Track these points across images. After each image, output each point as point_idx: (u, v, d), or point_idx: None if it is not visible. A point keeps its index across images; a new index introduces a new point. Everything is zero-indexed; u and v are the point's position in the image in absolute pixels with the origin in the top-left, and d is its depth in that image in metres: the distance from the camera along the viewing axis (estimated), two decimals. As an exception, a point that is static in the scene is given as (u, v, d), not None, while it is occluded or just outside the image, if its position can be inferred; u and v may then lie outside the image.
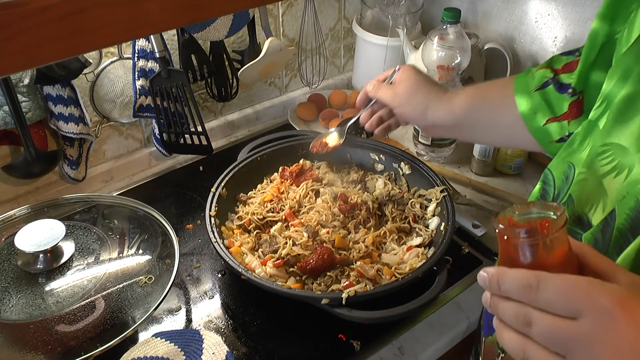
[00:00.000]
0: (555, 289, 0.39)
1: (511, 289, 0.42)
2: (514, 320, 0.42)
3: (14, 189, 1.09)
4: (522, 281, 0.41)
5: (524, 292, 0.41)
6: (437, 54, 1.16)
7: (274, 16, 1.29)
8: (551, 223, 0.42)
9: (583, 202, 0.54)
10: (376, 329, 0.87)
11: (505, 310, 0.42)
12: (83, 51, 0.42)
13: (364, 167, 1.14)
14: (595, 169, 0.53)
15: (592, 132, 0.57)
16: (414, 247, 0.95)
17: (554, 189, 0.61)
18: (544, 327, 0.40)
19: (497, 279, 0.42)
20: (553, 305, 0.40)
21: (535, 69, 0.80)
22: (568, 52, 0.78)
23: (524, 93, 0.79)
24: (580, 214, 0.54)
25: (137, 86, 1.09)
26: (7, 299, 0.81)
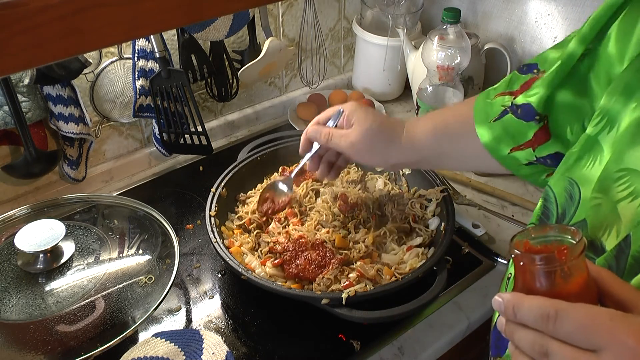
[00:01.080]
0: (575, 322, 0.39)
1: (528, 317, 0.41)
2: (530, 350, 0.41)
3: (14, 189, 1.09)
4: (540, 311, 0.40)
5: (541, 322, 0.40)
6: (437, 54, 1.16)
7: (274, 16, 1.29)
8: (569, 250, 0.41)
9: (597, 227, 0.53)
10: (376, 329, 0.87)
11: (522, 338, 0.42)
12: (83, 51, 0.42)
13: (364, 167, 1.14)
14: (612, 195, 0.52)
15: (593, 149, 0.56)
16: (414, 247, 0.95)
17: (557, 207, 0.60)
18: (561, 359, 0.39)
19: (513, 305, 0.42)
20: (572, 338, 0.39)
21: (495, 92, 0.76)
22: (528, 65, 0.73)
23: (484, 123, 0.75)
24: (594, 239, 0.53)
25: (137, 86, 1.09)
26: (7, 299, 0.81)
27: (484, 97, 0.78)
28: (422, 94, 1.22)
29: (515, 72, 0.75)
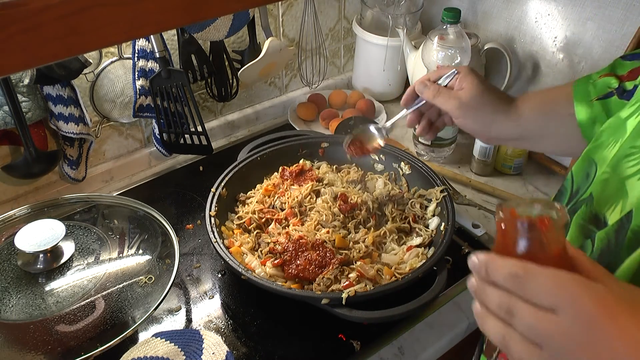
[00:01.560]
0: (541, 281, 0.40)
1: (499, 276, 0.42)
2: (497, 308, 0.42)
3: (14, 189, 1.09)
4: (511, 270, 0.41)
5: (510, 280, 0.41)
6: (437, 54, 1.16)
7: (274, 16, 1.29)
8: (551, 222, 0.42)
9: (603, 201, 0.54)
10: (376, 329, 0.87)
11: (490, 297, 0.43)
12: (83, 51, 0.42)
13: (364, 167, 1.14)
14: (620, 171, 0.53)
15: (619, 130, 0.57)
16: (414, 247, 0.95)
17: (572, 185, 0.61)
18: (525, 319, 0.40)
19: (487, 264, 0.43)
20: (537, 297, 0.40)
21: (597, 75, 0.75)
22: (632, 54, 0.72)
23: (583, 101, 0.74)
24: (598, 213, 0.54)
25: (137, 86, 1.09)
26: (7, 299, 0.81)
27: (584, 79, 0.77)
28: (422, 94, 1.22)
29: (618, 59, 0.74)
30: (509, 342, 0.41)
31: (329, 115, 1.35)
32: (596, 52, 1.16)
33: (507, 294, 0.42)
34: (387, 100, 1.47)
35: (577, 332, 0.38)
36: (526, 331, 0.40)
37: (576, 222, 0.57)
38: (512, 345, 0.41)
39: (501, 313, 0.42)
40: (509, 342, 0.41)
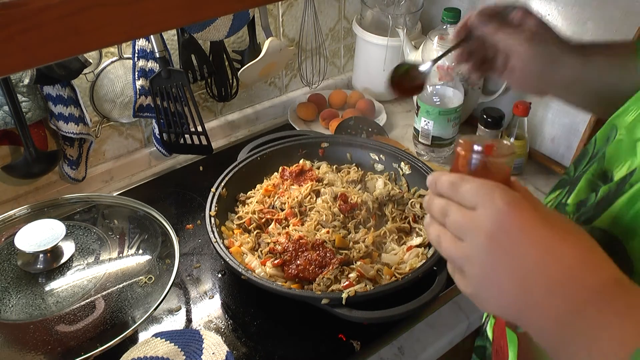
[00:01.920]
0: (469, 187, 0.46)
1: (442, 186, 0.49)
2: (438, 214, 0.49)
3: (14, 189, 1.09)
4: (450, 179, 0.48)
5: (449, 188, 0.48)
6: (437, 54, 1.16)
7: (274, 16, 1.29)
8: (496, 148, 0.50)
9: (613, 160, 0.57)
10: (376, 329, 0.87)
11: (434, 204, 0.49)
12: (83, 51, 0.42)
13: (364, 167, 1.14)
14: (634, 133, 0.55)
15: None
16: (414, 247, 0.95)
17: (594, 148, 0.63)
18: (453, 216, 0.47)
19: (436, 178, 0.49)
20: (464, 199, 0.46)
21: None
22: None
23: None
24: (607, 170, 0.57)
25: (137, 86, 1.09)
26: (7, 299, 0.81)
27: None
28: (422, 94, 1.22)
29: None
30: (441, 239, 0.48)
31: (329, 115, 1.35)
32: (596, 52, 1.16)
33: (445, 200, 0.48)
34: (387, 100, 1.47)
35: (488, 224, 0.44)
36: (453, 227, 0.47)
37: (586, 178, 0.60)
38: (442, 241, 0.48)
39: (440, 217, 0.48)
40: (441, 239, 0.48)
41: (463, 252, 0.46)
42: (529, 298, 0.43)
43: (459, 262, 0.46)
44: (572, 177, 0.65)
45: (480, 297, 0.46)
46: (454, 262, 0.47)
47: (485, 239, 0.44)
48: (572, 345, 0.41)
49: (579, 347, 0.41)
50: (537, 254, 0.42)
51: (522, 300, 0.43)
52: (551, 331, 0.42)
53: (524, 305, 0.43)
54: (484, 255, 0.44)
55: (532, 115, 1.27)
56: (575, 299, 0.41)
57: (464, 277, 0.46)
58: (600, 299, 0.40)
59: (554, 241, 0.43)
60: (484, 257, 0.44)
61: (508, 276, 0.43)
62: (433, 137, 1.22)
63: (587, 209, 0.57)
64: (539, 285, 0.42)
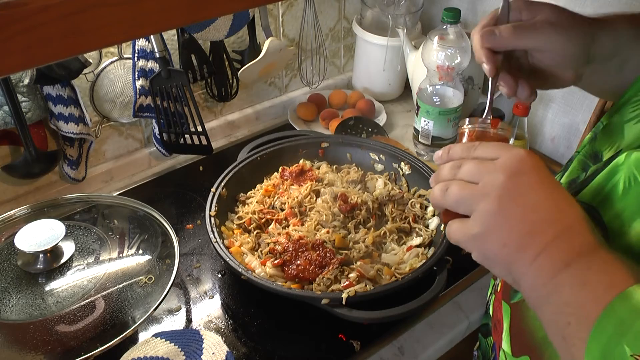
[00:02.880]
0: (489, 145, 0.50)
1: (456, 151, 0.51)
2: (448, 171, 0.51)
3: (14, 189, 1.09)
4: (466, 145, 0.51)
5: (465, 150, 0.50)
6: (437, 54, 1.16)
7: (274, 16, 1.29)
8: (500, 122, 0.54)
9: (603, 141, 0.59)
10: (376, 329, 0.87)
11: (445, 167, 0.51)
12: (83, 51, 0.42)
13: (364, 167, 1.14)
14: (623, 115, 0.58)
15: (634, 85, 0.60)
16: (414, 247, 0.95)
17: None
18: (469, 166, 0.49)
19: (450, 148, 0.52)
20: (483, 154, 0.49)
21: None
22: None
23: None
24: (597, 151, 0.60)
25: (137, 86, 1.09)
26: (7, 299, 0.81)
27: None
28: (422, 94, 1.22)
29: None
30: (449, 187, 0.49)
31: (329, 115, 1.35)
32: (596, 52, 1.16)
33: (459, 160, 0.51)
34: (387, 100, 1.47)
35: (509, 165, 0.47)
36: (467, 174, 0.49)
37: (578, 159, 0.63)
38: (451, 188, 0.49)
39: (450, 172, 0.50)
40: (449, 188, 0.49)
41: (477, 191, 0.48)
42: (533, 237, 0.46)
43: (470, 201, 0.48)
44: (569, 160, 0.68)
45: (486, 235, 0.47)
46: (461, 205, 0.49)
47: (506, 177, 0.46)
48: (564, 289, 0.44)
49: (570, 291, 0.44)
50: (549, 203, 0.46)
51: (526, 237, 0.46)
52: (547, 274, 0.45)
53: (525, 246, 0.46)
54: (503, 191, 0.46)
55: (532, 115, 1.27)
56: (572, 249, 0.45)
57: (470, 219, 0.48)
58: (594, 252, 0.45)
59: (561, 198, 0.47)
60: (501, 193, 0.46)
61: (519, 214, 0.46)
62: (433, 137, 1.22)
63: (576, 185, 0.59)
64: (545, 229, 0.46)
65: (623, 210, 0.50)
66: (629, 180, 0.50)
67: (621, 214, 0.50)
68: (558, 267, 0.45)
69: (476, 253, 0.50)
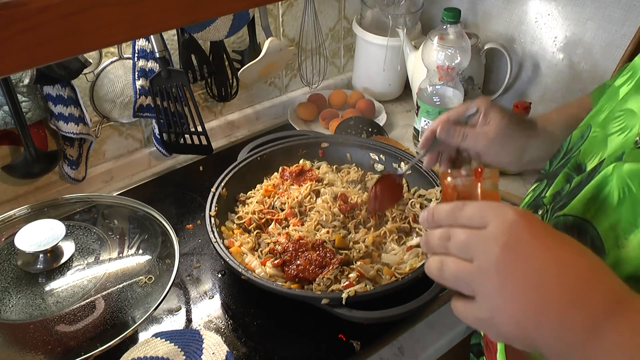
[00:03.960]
0: (474, 207, 0.46)
1: (440, 215, 0.48)
2: (438, 242, 0.47)
3: (14, 189, 1.09)
4: (450, 206, 0.47)
5: (450, 214, 0.47)
6: (437, 54, 1.16)
7: (274, 16, 1.29)
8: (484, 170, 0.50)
9: (587, 153, 0.59)
10: (376, 329, 0.87)
11: (434, 235, 0.48)
12: (83, 51, 0.42)
13: (364, 167, 1.14)
14: (607, 129, 0.58)
15: (613, 97, 0.61)
16: (414, 247, 0.95)
17: (569, 144, 0.66)
18: (459, 238, 0.45)
19: (433, 210, 0.49)
20: (470, 220, 0.45)
21: (611, 81, 0.76)
22: None
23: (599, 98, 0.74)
24: (581, 163, 0.60)
25: (137, 86, 1.09)
26: (7, 299, 0.81)
27: (598, 87, 0.78)
28: (422, 94, 1.22)
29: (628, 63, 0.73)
30: (444, 266, 0.46)
31: (329, 115, 1.35)
32: (596, 52, 1.16)
33: (447, 227, 0.47)
34: (387, 100, 1.47)
35: (501, 235, 0.43)
36: (458, 249, 0.45)
37: (564, 172, 0.62)
38: (446, 266, 0.46)
39: (441, 244, 0.47)
40: (444, 266, 0.46)
41: (474, 270, 0.44)
42: (547, 310, 0.41)
43: (468, 283, 0.44)
44: (548, 171, 0.68)
45: (496, 318, 0.43)
46: (461, 285, 0.45)
47: (500, 250, 0.42)
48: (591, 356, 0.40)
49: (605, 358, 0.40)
50: (553, 265, 0.42)
51: (539, 313, 0.41)
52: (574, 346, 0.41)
53: (542, 319, 0.41)
54: (500, 266, 0.42)
55: (532, 115, 1.27)
56: (593, 312, 0.40)
57: (475, 302, 0.44)
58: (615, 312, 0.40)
59: (566, 252, 0.42)
60: (501, 269, 0.42)
61: (525, 288, 0.42)
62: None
63: (561, 197, 0.59)
64: (557, 297, 0.41)
65: (618, 221, 0.48)
66: (623, 191, 0.49)
67: (617, 226, 0.48)
68: (584, 337, 0.40)
69: (491, 335, 0.45)
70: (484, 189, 0.50)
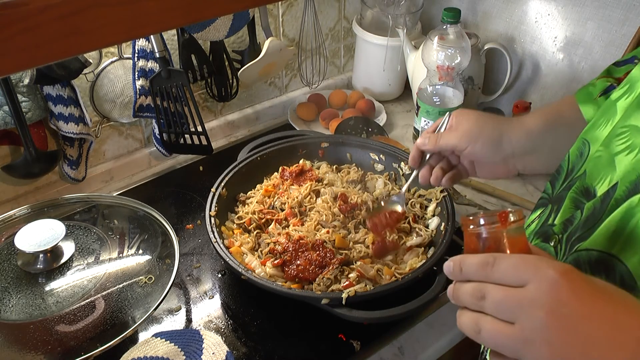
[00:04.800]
0: (508, 263, 0.43)
1: (470, 269, 0.45)
2: (470, 298, 0.44)
3: (14, 189, 1.09)
4: (480, 259, 0.44)
5: (481, 269, 0.44)
6: (437, 54, 1.16)
7: (274, 16, 1.29)
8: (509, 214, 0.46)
9: (594, 176, 0.57)
10: (376, 329, 0.87)
11: (464, 291, 0.45)
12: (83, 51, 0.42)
13: (364, 167, 1.14)
14: (611, 148, 0.56)
15: (609, 111, 0.60)
16: (414, 247, 0.95)
17: (568, 164, 0.64)
18: (495, 297, 0.42)
19: (460, 262, 0.46)
20: (505, 277, 0.42)
21: (595, 80, 0.77)
22: (624, 60, 0.74)
23: (588, 102, 0.76)
24: (589, 186, 0.58)
25: (137, 86, 1.09)
26: (7, 299, 0.81)
27: (584, 86, 0.78)
28: (422, 94, 1.22)
29: (611, 66, 0.76)
30: (482, 326, 0.43)
31: (329, 115, 1.35)
32: (596, 52, 1.16)
33: (479, 283, 0.44)
34: (387, 100, 1.47)
35: (543, 297, 0.40)
36: (496, 309, 0.42)
37: (570, 197, 0.60)
38: (484, 327, 0.43)
39: (474, 302, 0.44)
40: (481, 327, 0.43)
41: (519, 335, 0.41)
42: None
43: (513, 348, 0.42)
44: (552, 195, 0.66)
45: None
46: (505, 349, 0.43)
47: (545, 316, 0.40)
48: None
49: None
50: (604, 327, 0.40)
51: None
52: None
53: None
54: (549, 332, 0.40)
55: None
56: None
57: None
58: None
59: (616, 311, 0.41)
60: (548, 336, 0.40)
61: (578, 353, 0.40)
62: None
63: (574, 227, 0.57)
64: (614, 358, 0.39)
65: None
66: None
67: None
68: None
69: None
70: (510, 235, 0.46)
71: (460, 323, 0.45)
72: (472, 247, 0.48)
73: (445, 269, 0.47)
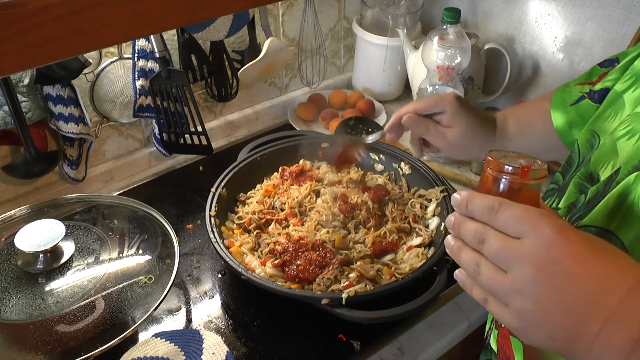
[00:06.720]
0: (511, 212, 0.44)
1: (476, 209, 0.46)
2: (472, 238, 0.46)
3: (14, 189, 1.09)
4: (487, 203, 0.45)
5: (486, 212, 0.45)
6: (437, 54, 1.16)
7: (274, 16, 1.29)
8: (531, 170, 0.47)
9: (598, 161, 0.58)
10: (376, 329, 0.87)
11: (467, 228, 0.47)
12: (83, 51, 0.42)
13: (364, 167, 1.14)
14: (614, 135, 0.57)
15: (616, 103, 0.61)
16: (414, 247, 0.95)
17: (579, 156, 0.65)
18: (493, 246, 0.44)
19: (468, 199, 0.47)
20: (506, 226, 0.44)
21: (574, 83, 0.79)
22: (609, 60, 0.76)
23: (560, 108, 0.79)
24: (593, 172, 0.59)
25: (137, 86, 1.09)
26: (7, 299, 0.81)
27: (563, 86, 0.81)
28: (422, 94, 1.22)
29: (596, 66, 0.77)
30: (480, 268, 0.45)
31: (329, 115, 1.35)
32: (596, 52, 1.16)
33: (482, 225, 0.46)
34: (387, 100, 1.47)
35: (538, 255, 0.42)
36: (494, 256, 0.44)
37: (574, 182, 0.62)
38: (482, 271, 0.45)
39: (474, 242, 0.46)
40: (480, 268, 0.45)
41: (509, 285, 0.43)
42: (584, 330, 0.41)
43: (503, 294, 0.44)
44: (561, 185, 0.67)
45: (529, 330, 0.43)
46: (497, 294, 0.45)
47: (537, 271, 0.41)
48: None
49: None
50: (592, 285, 0.41)
51: (576, 332, 0.41)
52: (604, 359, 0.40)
53: (578, 337, 0.41)
54: (536, 288, 0.42)
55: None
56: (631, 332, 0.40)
57: (508, 309, 0.44)
58: None
59: (607, 270, 0.41)
60: (536, 290, 0.42)
61: (562, 310, 0.41)
62: None
63: (577, 209, 0.58)
64: (596, 317, 0.40)
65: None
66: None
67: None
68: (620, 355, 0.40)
69: (522, 339, 0.45)
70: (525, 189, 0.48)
71: (460, 260, 0.48)
72: (486, 187, 0.49)
73: (453, 200, 0.49)
